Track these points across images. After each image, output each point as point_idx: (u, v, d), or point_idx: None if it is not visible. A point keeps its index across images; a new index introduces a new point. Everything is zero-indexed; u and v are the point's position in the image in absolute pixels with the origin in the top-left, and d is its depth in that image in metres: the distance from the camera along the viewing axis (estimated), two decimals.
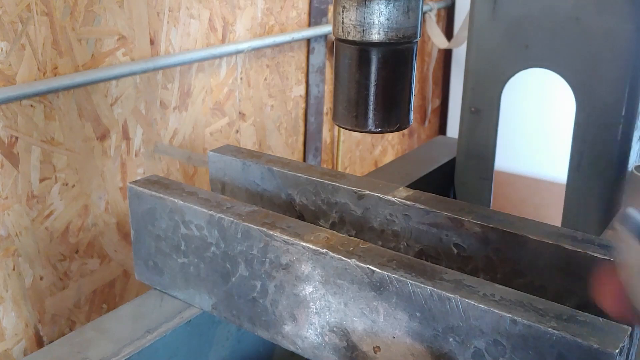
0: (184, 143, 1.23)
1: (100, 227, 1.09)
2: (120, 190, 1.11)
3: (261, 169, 0.72)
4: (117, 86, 1.06)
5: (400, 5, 0.46)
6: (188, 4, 1.16)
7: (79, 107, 1.01)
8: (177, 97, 1.19)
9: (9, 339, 0.98)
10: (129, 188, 0.64)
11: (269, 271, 0.55)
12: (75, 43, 0.98)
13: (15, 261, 0.96)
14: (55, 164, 0.99)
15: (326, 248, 0.51)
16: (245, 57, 1.33)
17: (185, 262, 0.62)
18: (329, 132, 1.68)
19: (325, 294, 0.52)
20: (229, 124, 1.33)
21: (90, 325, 0.61)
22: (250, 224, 0.55)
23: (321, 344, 0.53)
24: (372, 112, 0.49)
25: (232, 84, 1.32)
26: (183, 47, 1.17)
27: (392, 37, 0.47)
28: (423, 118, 2.15)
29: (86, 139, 1.03)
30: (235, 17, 1.28)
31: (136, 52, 1.08)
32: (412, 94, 0.51)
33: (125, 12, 1.05)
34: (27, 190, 0.96)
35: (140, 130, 1.12)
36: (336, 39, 0.50)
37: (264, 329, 0.57)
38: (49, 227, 1.00)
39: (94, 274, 1.10)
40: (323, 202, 0.68)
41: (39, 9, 0.92)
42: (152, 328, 0.61)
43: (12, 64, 0.90)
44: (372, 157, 1.90)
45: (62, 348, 0.58)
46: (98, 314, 1.11)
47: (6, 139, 0.91)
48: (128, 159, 1.12)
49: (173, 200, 0.60)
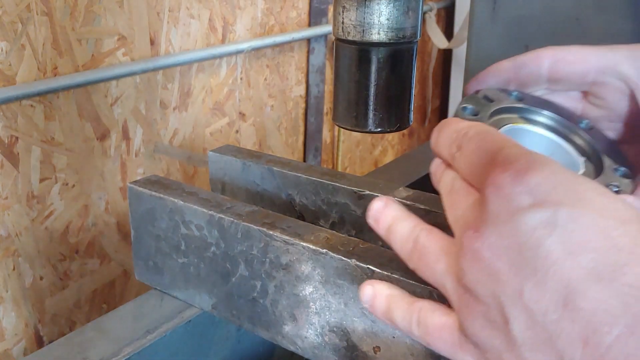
0: (184, 143, 1.23)
1: (100, 227, 1.09)
2: (120, 190, 1.11)
3: (261, 169, 0.72)
4: (117, 86, 1.06)
5: (400, 5, 0.46)
6: (188, 4, 1.16)
7: (79, 107, 1.01)
8: (177, 97, 1.19)
9: (8, 339, 0.98)
10: (129, 188, 0.64)
11: (269, 271, 0.55)
12: (75, 43, 0.98)
13: (15, 261, 0.96)
14: (55, 164, 0.99)
15: (326, 248, 0.51)
16: (245, 57, 1.33)
17: (185, 262, 0.62)
18: (329, 132, 1.68)
19: (325, 294, 0.52)
20: (229, 124, 1.33)
21: (90, 325, 0.61)
22: (250, 224, 0.55)
23: (321, 344, 0.53)
24: (372, 112, 0.49)
25: (232, 84, 1.32)
26: (183, 47, 1.18)
27: (392, 37, 0.47)
28: (423, 118, 2.15)
29: (86, 139, 1.03)
30: (235, 17, 1.28)
31: (136, 52, 1.08)
32: (412, 94, 0.51)
33: (125, 12, 1.05)
34: (27, 190, 0.96)
35: (140, 130, 1.13)
36: (336, 39, 0.50)
37: (264, 329, 0.57)
38: (49, 227, 1.00)
39: (94, 274, 1.10)
40: (323, 202, 0.68)
41: (38, 9, 0.92)
42: (152, 328, 0.61)
43: (12, 64, 0.90)
44: (372, 157, 1.90)
45: (62, 348, 0.58)
46: (98, 314, 1.11)
47: (6, 139, 0.91)
48: (128, 159, 1.12)
49: (173, 201, 0.60)
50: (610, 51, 0.42)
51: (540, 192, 0.31)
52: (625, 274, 0.28)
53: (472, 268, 0.33)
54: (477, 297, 0.33)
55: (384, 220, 0.41)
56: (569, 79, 0.44)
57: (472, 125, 0.37)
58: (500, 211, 0.31)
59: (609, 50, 0.43)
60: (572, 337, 0.28)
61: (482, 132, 0.35)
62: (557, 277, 0.29)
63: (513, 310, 0.31)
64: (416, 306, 0.39)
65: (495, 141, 0.34)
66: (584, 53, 0.43)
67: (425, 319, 0.38)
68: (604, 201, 0.31)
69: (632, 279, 0.28)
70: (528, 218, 0.30)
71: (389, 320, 0.41)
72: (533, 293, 0.30)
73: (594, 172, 0.42)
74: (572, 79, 0.44)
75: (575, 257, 0.29)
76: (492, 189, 0.32)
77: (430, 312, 0.38)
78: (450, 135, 0.37)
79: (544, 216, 0.30)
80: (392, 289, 0.42)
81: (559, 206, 0.30)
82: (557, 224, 0.30)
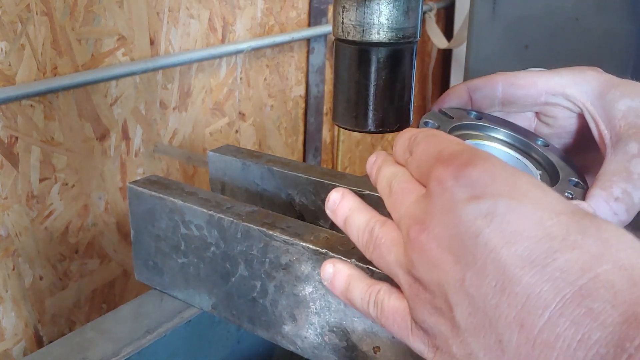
0: (183, 143, 1.23)
1: (100, 227, 1.09)
2: (120, 190, 1.11)
3: (261, 169, 0.72)
4: (116, 86, 1.06)
5: (400, 5, 0.46)
6: (188, 4, 1.16)
7: (79, 107, 1.01)
8: (177, 97, 1.19)
9: (8, 339, 0.98)
10: (129, 188, 0.64)
11: (268, 271, 0.55)
12: (75, 43, 0.98)
13: (15, 261, 0.96)
14: (55, 164, 0.99)
15: (326, 248, 0.51)
16: (245, 57, 1.33)
17: (185, 262, 0.62)
18: (328, 132, 1.68)
19: (325, 294, 0.52)
20: (228, 124, 1.33)
21: (90, 325, 0.61)
22: (250, 224, 0.55)
23: (321, 344, 0.53)
24: (371, 112, 0.49)
25: (232, 84, 1.32)
26: (183, 47, 1.18)
27: (392, 37, 0.47)
28: None
29: (86, 139, 1.03)
30: (235, 17, 1.28)
31: (136, 52, 1.08)
32: (412, 94, 0.51)
33: (125, 12, 1.05)
34: (26, 190, 0.96)
35: (140, 130, 1.12)
36: (336, 39, 0.50)
37: (264, 329, 0.57)
38: (48, 227, 1.00)
39: (93, 274, 1.10)
40: (323, 202, 0.68)
41: (38, 9, 0.92)
42: (152, 328, 0.61)
43: (11, 64, 0.90)
44: None
45: (62, 348, 0.58)
46: (98, 314, 1.11)
47: (6, 139, 0.91)
48: (128, 159, 1.12)
49: (173, 200, 0.60)
50: (557, 75, 0.47)
51: (480, 185, 0.32)
52: (557, 259, 0.30)
53: (419, 259, 0.34)
54: (425, 286, 0.34)
55: (341, 211, 0.43)
56: (521, 102, 0.48)
57: (421, 130, 0.39)
58: (444, 204, 0.33)
59: (556, 74, 0.47)
60: (509, 320, 0.30)
61: (430, 134, 0.38)
62: (495, 265, 0.31)
63: (456, 297, 0.32)
64: (375, 288, 0.41)
65: (441, 141, 0.36)
66: (533, 78, 0.48)
67: (382, 301, 0.39)
68: (539, 194, 0.32)
69: (563, 264, 0.29)
70: (468, 209, 0.32)
71: (347, 300, 0.42)
72: (473, 280, 0.31)
73: (550, 183, 0.44)
74: (523, 101, 0.48)
75: (512, 246, 0.30)
76: (435, 183, 0.34)
77: (388, 294, 0.39)
78: (404, 143, 0.40)
79: (484, 207, 0.32)
80: (353, 269, 0.43)
81: (498, 197, 0.32)
82: (496, 214, 0.31)
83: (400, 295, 0.39)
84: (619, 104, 0.44)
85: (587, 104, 0.46)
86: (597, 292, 0.28)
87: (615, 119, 0.44)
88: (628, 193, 0.40)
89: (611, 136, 0.44)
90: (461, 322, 0.32)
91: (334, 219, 0.44)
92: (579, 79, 0.46)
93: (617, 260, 0.29)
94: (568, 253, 0.30)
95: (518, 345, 0.29)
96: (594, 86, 0.46)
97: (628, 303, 0.28)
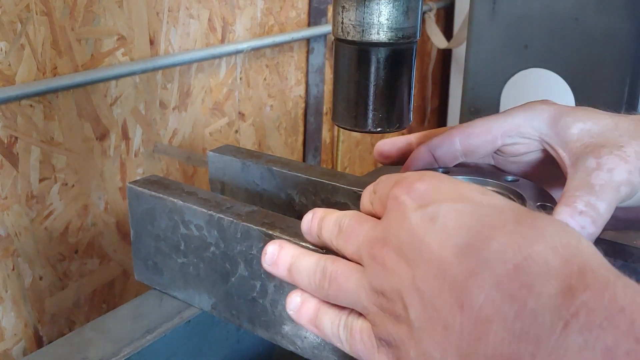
0: (183, 143, 1.23)
1: (99, 227, 1.09)
2: (120, 190, 1.11)
3: (261, 169, 0.72)
4: (116, 86, 1.06)
5: (399, 5, 0.46)
6: (188, 4, 1.16)
7: (79, 107, 1.01)
8: (176, 97, 1.19)
9: (8, 339, 0.98)
10: (128, 188, 0.64)
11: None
12: (74, 43, 0.98)
13: (15, 261, 0.96)
14: (54, 164, 0.99)
15: (325, 248, 0.51)
16: (245, 57, 1.33)
17: (185, 262, 0.62)
18: (328, 132, 1.68)
19: None
20: (228, 124, 1.33)
21: (90, 325, 0.61)
22: (249, 224, 0.55)
23: (321, 344, 0.53)
24: (371, 112, 0.49)
25: (232, 84, 1.32)
26: (183, 47, 1.18)
27: (392, 37, 0.47)
28: (422, 118, 2.15)
29: (86, 139, 1.03)
30: (234, 17, 1.28)
31: (136, 52, 1.08)
32: (411, 93, 0.51)
33: (125, 12, 1.05)
34: (26, 190, 0.96)
35: (140, 130, 1.12)
36: (336, 39, 0.50)
37: (264, 329, 0.57)
38: (48, 227, 1.00)
39: (93, 274, 1.10)
40: (323, 202, 0.68)
41: (38, 9, 0.92)
42: (151, 328, 0.61)
43: (11, 64, 0.90)
44: (372, 157, 1.90)
45: (62, 348, 0.58)
46: (98, 313, 1.11)
47: (5, 139, 0.91)
48: (127, 159, 1.12)
49: (172, 200, 0.60)
50: (510, 116, 0.50)
51: (427, 196, 0.36)
52: (492, 243, 0.32)
53: (382, 272, 0.36)
54: (386, 296, 0.36)
55: (283, 260, 0.44)
56: (480, 150, 0.52)
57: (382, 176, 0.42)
58: (398, 216, 0.36)
59: (508, 116, 0.50)
60: (450, 304, 0.31)
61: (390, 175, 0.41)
62: (436, 256, 0.33)
63: (409, 297, 0.34)
64: (344, 311, 0.41)
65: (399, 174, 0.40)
66: (487, 125, 0.51)
67: (351, 323, 0.41)
68: (483, 197, 0.35)
69: (498, 247, 0.31)
70: (417, 215, 0.35)
71: (317, 328, 0.43)
72: (422, 276, 0.33)
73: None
74: (482, 148, 0.51)
75: (451, 238, 0.33)
76: (391, 201, 0.38)
77: (356, 316, 0.40)
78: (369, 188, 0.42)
79: (429, 212, 0.35)
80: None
81: (442, 202, 0.35)
82: (439, 215, 0.34)
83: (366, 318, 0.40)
84: (572, 128, 0.47)
85: (542, 136, 0.49)
86: (531, 269, 0.30)
87: (570, 142, 0.46)
88: (592, 205, 0.41)
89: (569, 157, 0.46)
90: (415, 321, 0.34)
91: (274, 271, 0.45)
92: (530, 115, 0.49)
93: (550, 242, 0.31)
94: (503, 238, 0.31)
95: (461, 326, 0.31)
96: (544, 117, 0.48)
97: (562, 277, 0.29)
